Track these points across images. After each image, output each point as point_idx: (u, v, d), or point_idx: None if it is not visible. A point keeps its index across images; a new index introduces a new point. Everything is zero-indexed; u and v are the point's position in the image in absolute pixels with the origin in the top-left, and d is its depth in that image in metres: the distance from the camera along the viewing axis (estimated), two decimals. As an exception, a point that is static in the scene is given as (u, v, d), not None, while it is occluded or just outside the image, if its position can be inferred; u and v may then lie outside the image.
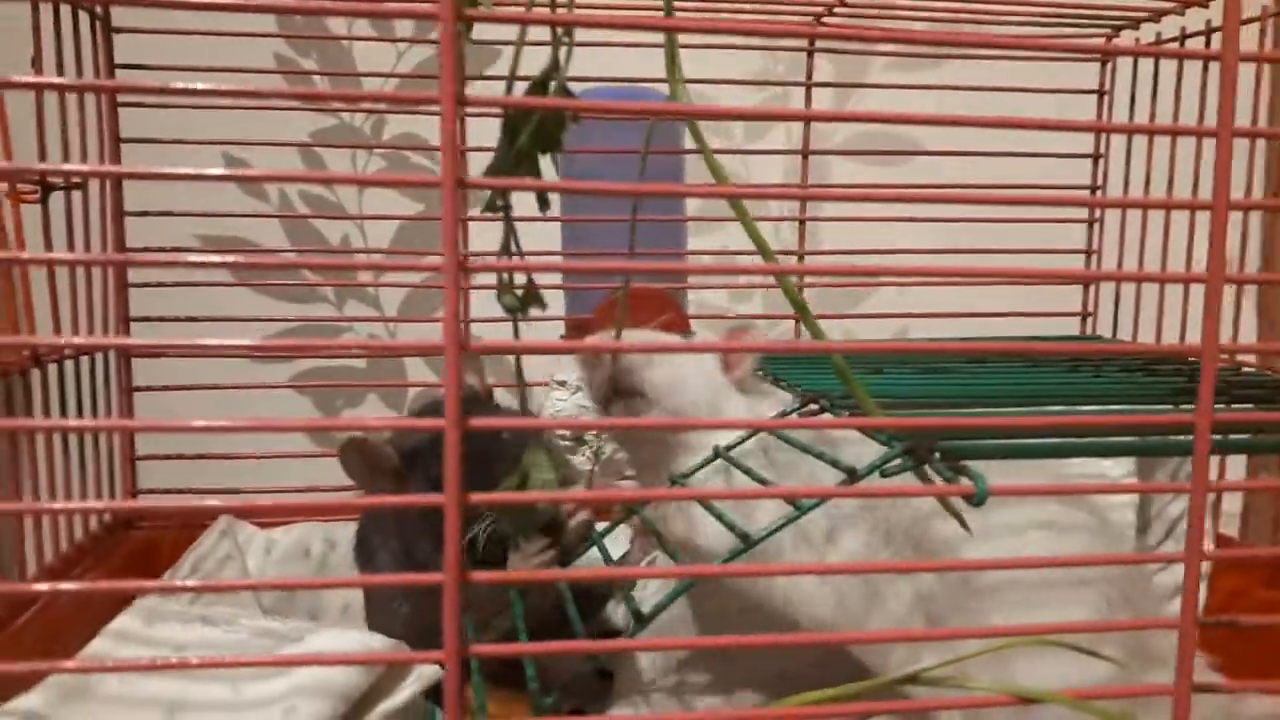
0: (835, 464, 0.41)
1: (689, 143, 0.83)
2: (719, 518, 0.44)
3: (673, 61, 0.35)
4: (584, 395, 0.70)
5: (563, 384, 0.70)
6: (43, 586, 0.28)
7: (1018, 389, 0.54)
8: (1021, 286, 0.83)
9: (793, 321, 0.82)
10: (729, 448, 0.51)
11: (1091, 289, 0.82)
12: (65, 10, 0.64)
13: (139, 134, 0.72)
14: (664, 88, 0.82)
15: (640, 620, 0.40)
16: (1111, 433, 0.36)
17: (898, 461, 0.39)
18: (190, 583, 0.30)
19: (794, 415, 0.51)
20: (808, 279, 0.92)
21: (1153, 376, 0.60)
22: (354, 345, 0.31)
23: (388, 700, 0.44)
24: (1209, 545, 0.51)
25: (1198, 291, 0.69)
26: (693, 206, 1.04)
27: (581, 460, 0.70)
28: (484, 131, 0.52)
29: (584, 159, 0.78)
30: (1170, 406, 0.51)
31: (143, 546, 0.70)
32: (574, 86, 0.74)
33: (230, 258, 0.28)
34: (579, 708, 0.59)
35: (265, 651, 0.43)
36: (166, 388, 0.73)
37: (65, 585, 0.28)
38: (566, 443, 0.69)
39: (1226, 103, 0.33)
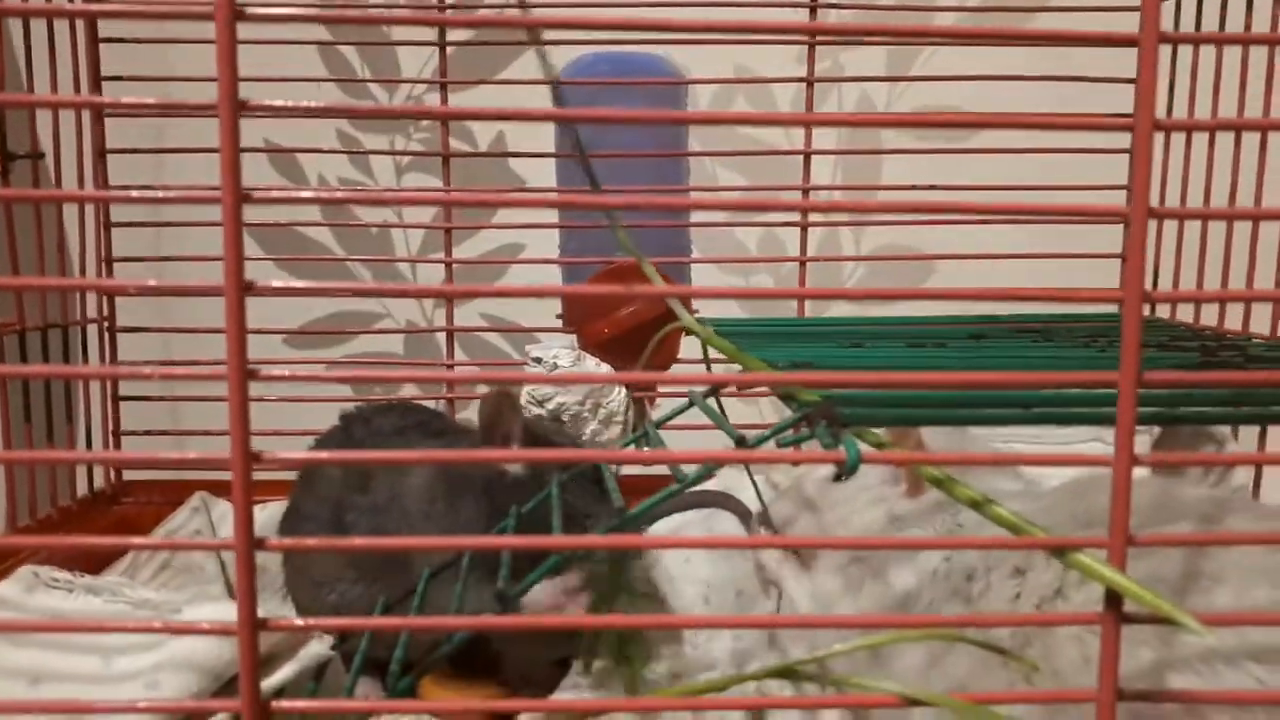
0: (729, 433, 0.36)
1: (692, 108, 0.79)
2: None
3: None
4: (560, 373, 0.67)
5: (538, 361, 0.67)
6: None
7: (1002, 365, 0.49)
8: (1065, 262, 0.76)
9: (795, 301, 0.77)
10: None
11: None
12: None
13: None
14: (661, 53, 0.77)
15: (505, 602, 0.36)
16: (1029, 396, 0.31)
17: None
18: None
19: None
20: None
21: (1166, 352, 0.53)
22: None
23: (267, 679, 0.41)
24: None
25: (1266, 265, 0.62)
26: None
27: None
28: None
29: (582, 126, 0.75)
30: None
31: (120, 522, 0.70)
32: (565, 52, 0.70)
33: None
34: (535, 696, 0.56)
35: (143, 623, 0.42)
36: (149, 362, 0.73)
37: None
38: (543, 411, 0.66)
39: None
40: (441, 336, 0.84)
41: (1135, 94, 0.28)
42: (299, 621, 0.31)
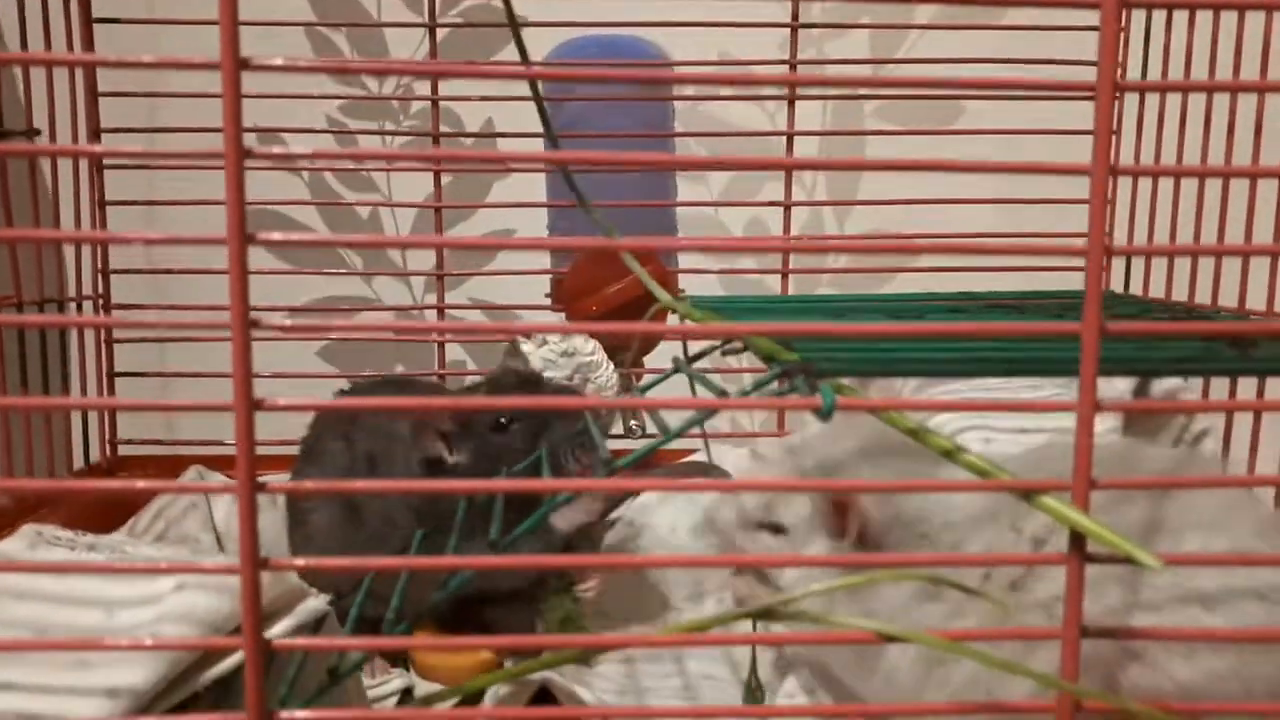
0: (713, 390, 0.38)
1: (678, 89, 0.80)
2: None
3: None
4: (550, 349, 0.68)
5: (528, 338, 0.69)
6: None
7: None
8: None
9: (779, 276, 0.79)
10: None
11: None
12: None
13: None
14: (647, 34, 0.78)
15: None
16: (993, 348, 0.33)
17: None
18: None
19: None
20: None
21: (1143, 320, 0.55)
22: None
23: (265, 632, 0.42)
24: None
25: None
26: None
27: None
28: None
29: (571, 105, 0.76)
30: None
31: (116, 493, 0.71)
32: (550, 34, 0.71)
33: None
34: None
35: (143, 579, 0.43)
36: (145, 340, 0.74)
37: None
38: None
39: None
40: (432, 317, 0.85)
41: (1099, 51, 0.30)
42: (299, 561, 0.33)
